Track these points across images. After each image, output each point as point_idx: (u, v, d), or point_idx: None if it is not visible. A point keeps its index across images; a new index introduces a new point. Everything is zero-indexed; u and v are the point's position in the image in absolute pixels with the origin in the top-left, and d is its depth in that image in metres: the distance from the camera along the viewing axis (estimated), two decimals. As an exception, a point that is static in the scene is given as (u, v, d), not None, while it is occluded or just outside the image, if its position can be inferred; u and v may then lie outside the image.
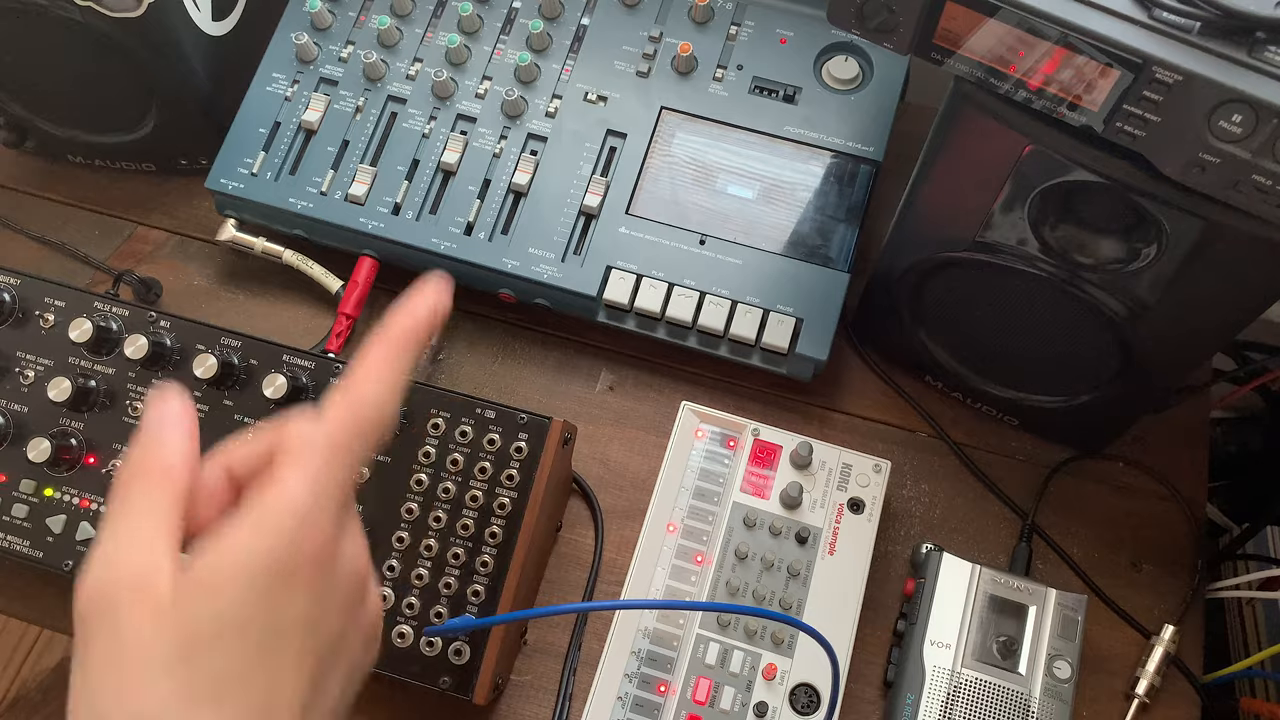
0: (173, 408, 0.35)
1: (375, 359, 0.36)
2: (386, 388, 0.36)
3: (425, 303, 0.38)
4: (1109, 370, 0.61)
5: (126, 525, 0.33)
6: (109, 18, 0.66)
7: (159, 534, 0.33)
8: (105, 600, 0.31)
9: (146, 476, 0.34)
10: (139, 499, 0.33)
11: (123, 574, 0.32)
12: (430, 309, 0.38)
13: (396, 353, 0.37)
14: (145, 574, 0.31)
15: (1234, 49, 0.42)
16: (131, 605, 0.31)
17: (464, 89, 0.74)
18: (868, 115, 0.72)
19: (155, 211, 0.80)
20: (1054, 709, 0.58)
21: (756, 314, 0.68)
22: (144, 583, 0.31)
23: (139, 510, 0.33)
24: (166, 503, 0.33)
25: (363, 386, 0.35)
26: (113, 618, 0.31)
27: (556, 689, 0.63)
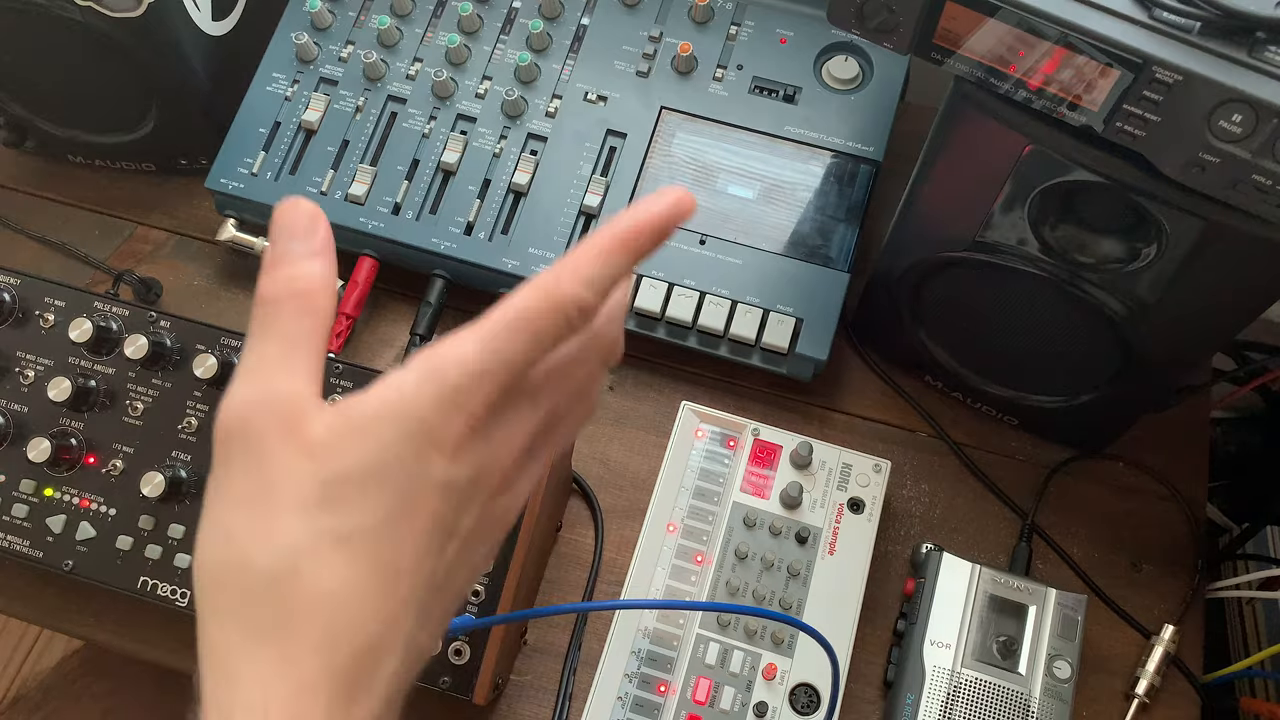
0: (306, 220, 0.33)
1: (590, 248, 0.32)
2: (593, 278, 0.32)
3: (666, 207, 0.33)
4: (1109, 370, 0.61)
5: (273, 350, 0.31)
6: (109, 18, 0.66)
7: (306, 365, 0.31)
8: (252, 428, 0.30)
9: (301, 301, 0.32)
10: (286, 323, 0.31)
11: (271, 401, 0.30)
12: (671, 214, 0.33)
13: (616, 247, 0.33)
14: (293, 405, 0.30)
15: (1234, 49, 0.42)
16: (280, 438, 0.30)
17: (464, 89, 0.74)
18: (868, 115, 0.72)
19: (155, 211, 0.80)
20: (1054, 709, 0.58)
21: (756, 314, 0.68)
22: (292, 414, 0.30)
23: (289, 336, 0.31)
24: (312, 331, 0.32)
25: (565, 270, 0.32)
26: (259, 448, 0.30)
27: (556, 689, 0.63)
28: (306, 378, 0.31)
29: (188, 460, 0.61)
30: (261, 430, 0.30)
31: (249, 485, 0.30)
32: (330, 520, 0.29)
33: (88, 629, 0.65)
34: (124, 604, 0.64)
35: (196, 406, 0.62)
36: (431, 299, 0.71)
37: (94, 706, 0.81)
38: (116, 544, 0.60)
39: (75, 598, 0.65)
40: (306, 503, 0.29)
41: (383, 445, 0.30)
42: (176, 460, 0.61)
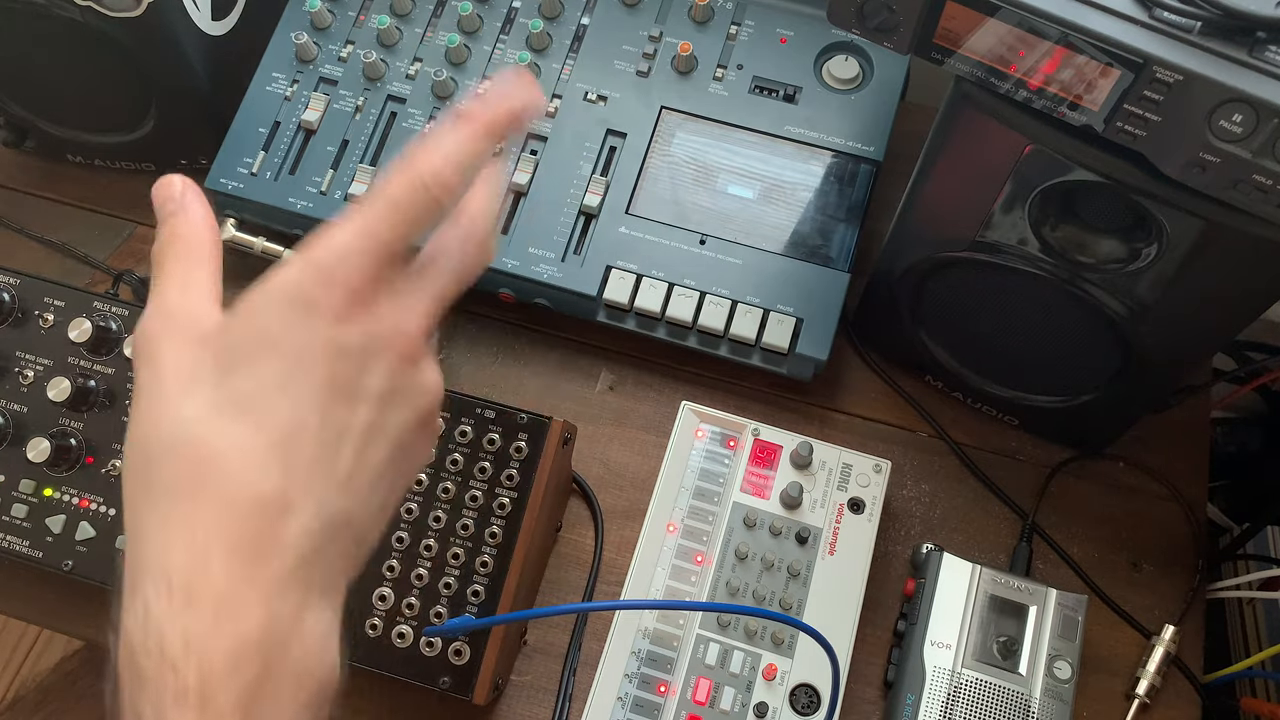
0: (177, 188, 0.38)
1: (445, 129, 0.35)
2: (448, 153, 0.34)
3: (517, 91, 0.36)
4: (1109, 370, 0.61)
5: (168, 281, 0.35)
6: (109, 18, 0.66)
7: (197, 284, 0.34)
8: (149, 340, 0.33)
9: (180, 240, 0.36)
10: (177, 260, 0.35)
11: (165, 315, 0.34)
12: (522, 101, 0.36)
13: (470, 129, 0.35)
14: (186, 313, 0.33)
15: (1234, 49, 0.42)
16: (172, 338, 0.33)
17: (464, 89, 0.74)
18: (868, 115, 0.72)
19: (155, 211, 0.80)
20: (1054, 709, 0.58)
21: (756, 314, 0.68)
22: (186, 320, 0.33)
23: (178, 268, 0.35)
24: (203, 260, 0.35)
25: (422, 149, 0.34)
26: (155, 352, 0.33)
27: (556, 689, 0.63)
28: (199, 294, 0.34)
29: (187, 460, 0.61)
30: (158, 336, 0.33)
31: (150, 380, 0.33)
32: (224, 391, 0.32)
33: (87, 629, 0.65)
34: (124, 604, 0.64)
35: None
36: (431, 299, 0.71)
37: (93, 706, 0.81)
38: (116, 544, 0.60)
39: (75, 598, 0.65)
40: (200, 380, 0.32)
41: (267, 318, 0.32)
42: (176, 460, 0.61)
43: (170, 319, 0.33)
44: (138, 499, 0.32)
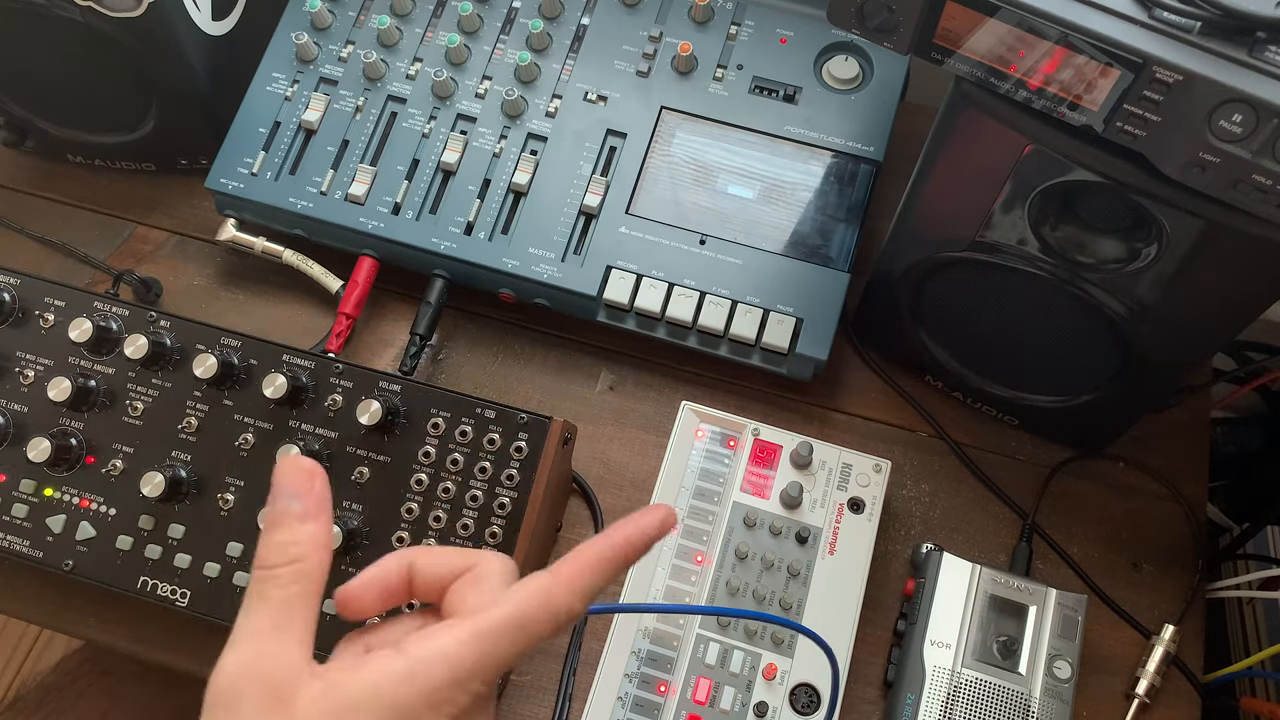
0: (305, 483, 0.35)
1: (585, 560, 0.35)
2: (586, 590, 0.35)
3: (655, 524, 0.37)
4: (1109, 370, 0.61)
5: (268, 619, 0.33)
6: (109, 18, 0.66)
7: (296, 632, 0.33)
8: (238, 697, 0.31)
9: (288, 567, 0.33)
10: (280, 590, 0.33)
11: (258, 671, 0.32)
12: (658, 533, 0.37)
13: (608, 561, 0.36)
14: (280, 675, 0.32)
15: (1234, 49, 0.42)
16: (259, 704, 0.31)
17: (464, 89, 0.74)
18: (868, 115, 0.72)
19: (155, 211, 0.80)
20: (1054, 709, 0.58)
21: (756, 314, 0.68)
22: (279, 684, 0.31)
23: (278, 604, 0.33)
24: (304, 595, 0.33)
25: (562, 581, 0.35)
26: (235, 706, 0.31)
27: (556, 689, 0.63)
28: (297, 644, 0.32)
29: (187, 460, 0.61)
30: (247, 698, 0.31)
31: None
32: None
33: (88, 629, 0.65)
34: (124, 604, 0.64)
35: (196, 406, 0.62)
36: (431, 299, 0.71)
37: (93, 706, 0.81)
38: (116, 544, 0.60)
39: (75, 598, 0.65)
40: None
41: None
42: (176, 460, 0.61)
43: (262, 678, 0.32)
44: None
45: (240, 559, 0.59)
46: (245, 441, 0.61)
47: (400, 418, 0.60)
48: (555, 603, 0.34)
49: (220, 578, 0.59)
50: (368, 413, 0.59)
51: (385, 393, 0.61)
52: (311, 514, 0.35)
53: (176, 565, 0.60)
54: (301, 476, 0.35)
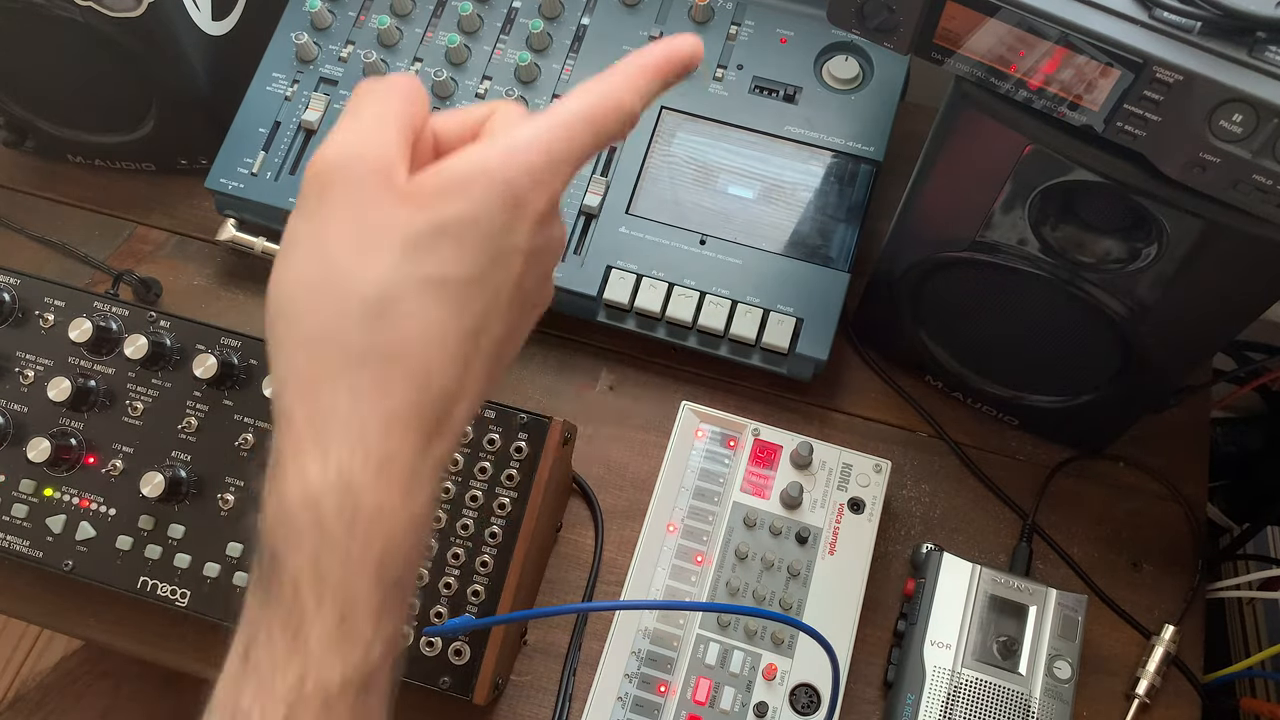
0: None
1: (638, 68, 0.36)
2: (644, 92, 0.36)
3: (690, 44, 0.38)
4: (1109, 370, 0.61)
5: (371, 114, 0.33)
6: (109, 18, 0.66)
7: (399, 130, 0.33)
8: (351, 172, 0.32)
9: (391, 86, 0.34)
10: (383, 99, 0.34)
11: (367, 153, 0.32)
12: (694, 51, 0.38)
13: (656, 69, 0.37)
14: (387, 158, 0.32)
15: (1234, 49, 0.42)
16: (378, 184, 0.32)
17: (464, 89, 0.74)
18: (868, 115, 0.72)
19: (155, 211, 0.80)
20: (1054, 709, 0.58)
21: (757, 314, 0.68)
22: (387, 166, 0.32)
23: (382, 107, 0.34)
24: (406, 110, 0.34)
25: (624, 81, 0.36)
26: (358, 190, 0.32)
27: (556, 689, 0.63)
28: (398, 144, 0.33)
29: (187, 460, 0.61)
30: (360, 175, 0.32)
31: (349, 221, 0.32)
32: (427, 265, 0.31)
33: (87, 629, 0.65)
34: (123, 604, 0.64)
35: (196, 406, 0.62)
36: (431, 299, 0.71)
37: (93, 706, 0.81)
38: (116, 544, 0.60)
39: (75, 598, 0.65)
40: (405, 245, 0.31)
41: (477, 203, 0.32)
42: (176, 460, 0.61)
43: (371, 159, 0.32)
44: (321, 350, 0.31)
45: (240, 559, 0.59)
46: (245, 441, 0.61)
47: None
48: (621, 100, 0.35)
49: (220, 578, 0.59)
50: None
51: (385, 393, 0.61)
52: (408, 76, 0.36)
53: (176, 565, 0.60)
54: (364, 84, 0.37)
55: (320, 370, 0.31)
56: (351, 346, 0.31)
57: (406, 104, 0.34)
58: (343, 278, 0.31)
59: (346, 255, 0.31)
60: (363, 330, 0.31)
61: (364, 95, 0.34)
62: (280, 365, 0.32)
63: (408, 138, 0.33)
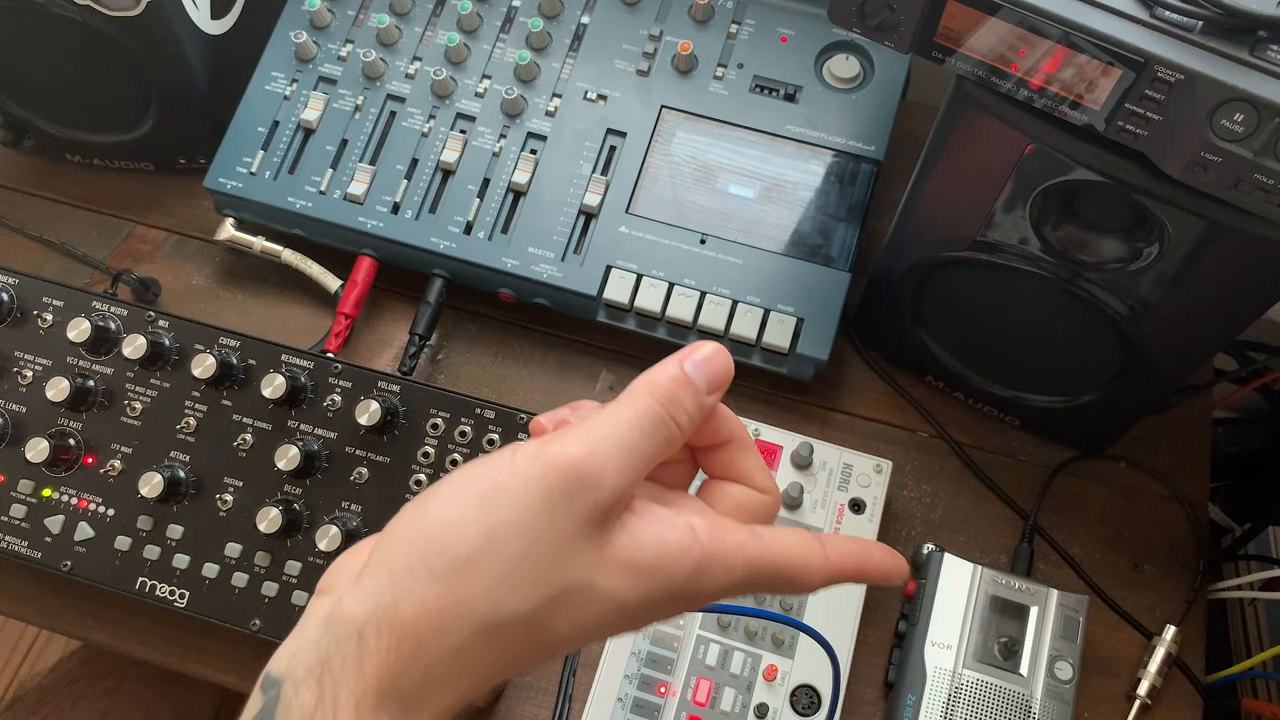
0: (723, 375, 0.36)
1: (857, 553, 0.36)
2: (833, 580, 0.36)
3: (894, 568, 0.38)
4: (1110, 370, 0.61)
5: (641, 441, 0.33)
6: (108, 17, 0.66)
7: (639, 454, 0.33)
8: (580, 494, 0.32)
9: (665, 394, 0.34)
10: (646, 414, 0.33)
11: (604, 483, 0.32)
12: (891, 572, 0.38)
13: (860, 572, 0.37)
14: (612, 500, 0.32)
15: (1236, 48, 0.42)
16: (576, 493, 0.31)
17: (463, 88, 0.73)
18: (869, 114, 0.71)
19: (154, 211, 0.80)
20: (1055, 710, 0.58)
21: (757, 314, 0.68)
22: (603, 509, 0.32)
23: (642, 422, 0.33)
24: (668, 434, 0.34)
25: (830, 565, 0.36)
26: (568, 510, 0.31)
27: (556, 689, 0.62)
28: (632, 463, 0.32)
29: (186, 460, 0.61)
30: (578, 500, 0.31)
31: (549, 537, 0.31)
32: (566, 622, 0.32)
33: (86, 629, 0.65)
34: (122, 604, 0.64)
35: (195, 406, 0.61)
36: (431, 298, 0.71)
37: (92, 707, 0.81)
38: (115, 544, 0.60)
39: (73, 598, 0.65)
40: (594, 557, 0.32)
41: (647, 598, 0.32)
42: (175, 460, 0.61)
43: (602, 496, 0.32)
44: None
45: (239, 559, 0.59)
46: (244, 442, 0.61)
47: (399, 418, 0.60)
48: (810, 576, 0.35)
49: (219, 578, 0.59)
50: (367, 413, 0.59)
51: (384, 393, 0.61)
52: (713, 402, 0.35)
53: (175, 566, 0.59)
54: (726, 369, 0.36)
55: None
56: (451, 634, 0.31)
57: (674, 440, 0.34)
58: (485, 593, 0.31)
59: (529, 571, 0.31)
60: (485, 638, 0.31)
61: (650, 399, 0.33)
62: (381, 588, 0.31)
63: (643, 471, 0.33)
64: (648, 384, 0.34)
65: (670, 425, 0.33)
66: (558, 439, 0.32)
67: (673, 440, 0.34)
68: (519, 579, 0.31)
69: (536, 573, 0.31)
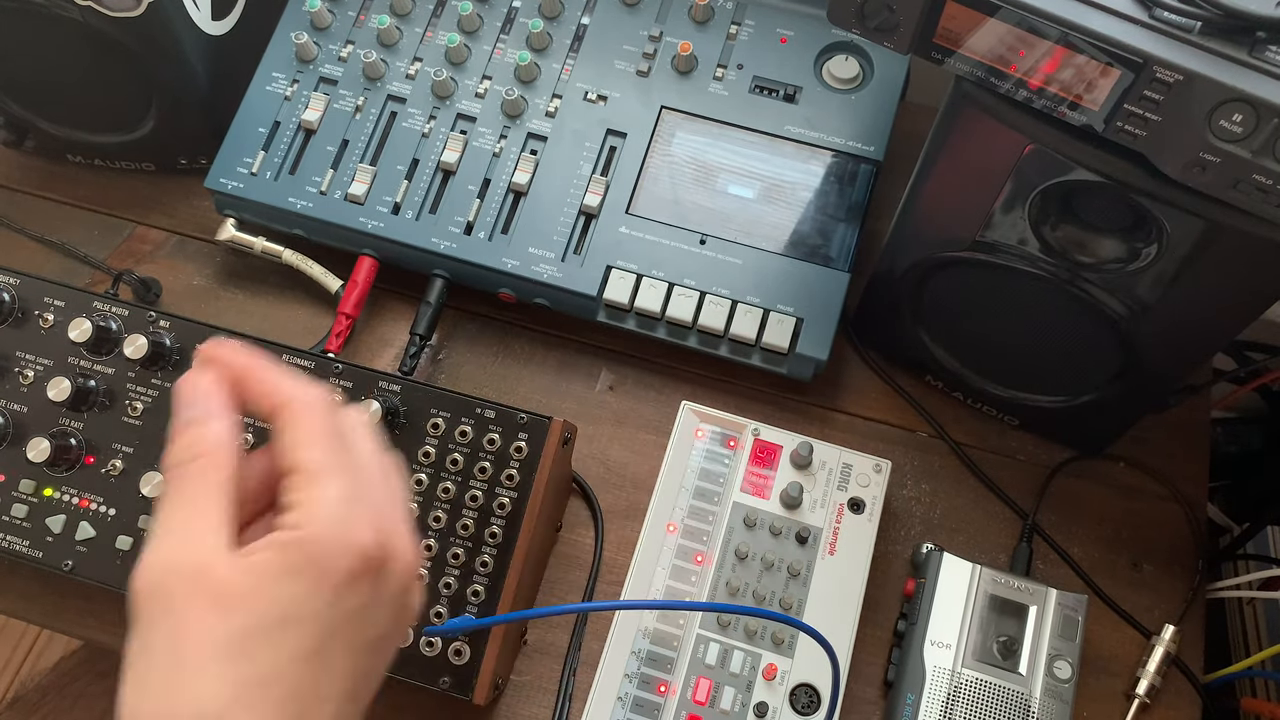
0: (192, 394, 0.35)
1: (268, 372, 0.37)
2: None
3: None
4: (1110, 370, 0.61)
5: (181, 514, 0.33)
6: (109, 17, 0.66)
7: (213, 521, 0.33)
8: (162, 590, 0.32)
9: (188, 466, 0.34)
10: (191, 484, 0.34)
11: (179, 563, 0.32)
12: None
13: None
14: (202, 563, 0.32)
15: (1235, 48, 0.42)
16: (189, 595, 0.31)
17: (464, 88, 0.74)
18: (868, 115, 0.71)
19: (155, 211, 0.80)
20: (1054, 709, 0.58)
21: (757, 314, 0.68)
22: (201, 572, 0.32)
23: (191, 497, 0.33)
24: (218, 488, 0.34)
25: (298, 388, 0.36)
26: (168, 607, 0.31)
27: (556, 689, 0.63)
28: (214, 532, 0.33)
29: (187, 460, 0.61)
30: (172, 590, 0.32)
31: (167, 643, 0.31)
32: (247, 669, 0.31)
33: (87, 629, 0.65)
34: (123, 604, 0.64)
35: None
36: (431, 299, 0.71)
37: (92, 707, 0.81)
38: (116, 544, 0.60)
39: (74, 598, 0.65)
40: (223, 653, 0.31)
41: (289, 594, 0.32)
42: (176, 460, 0.61)
43: (185, 569, 0.32)
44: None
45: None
46: (245, 442, 0.61)
47: (400, 418, 0.60)
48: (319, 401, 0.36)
49: (220, 578, 0.59)
50: (367, 413, 0.59)
51: (385, 393, 0.61)
52: (209, 417, 0.35)
53: (176, 565, 0.59)
54: (187, 390, 0.36)
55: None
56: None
57: (218, 476, 0.34)
58: (167, 707, 0.31)
59: (166, 682, 0.31)
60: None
61: (172, 482, 0.34)
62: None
63: (225, 516, 0.33)
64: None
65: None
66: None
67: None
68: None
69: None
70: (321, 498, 0.33)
